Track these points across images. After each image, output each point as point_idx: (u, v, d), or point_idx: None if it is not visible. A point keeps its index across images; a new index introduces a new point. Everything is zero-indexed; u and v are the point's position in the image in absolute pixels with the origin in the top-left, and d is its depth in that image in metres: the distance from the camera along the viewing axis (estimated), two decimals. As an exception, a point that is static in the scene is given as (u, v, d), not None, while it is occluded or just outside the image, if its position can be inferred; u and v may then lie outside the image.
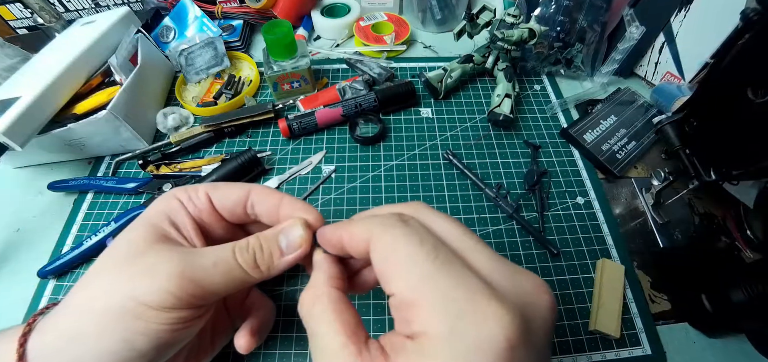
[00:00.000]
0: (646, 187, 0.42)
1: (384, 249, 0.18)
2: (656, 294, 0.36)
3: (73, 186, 0.42)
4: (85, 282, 0.21)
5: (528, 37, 0.48)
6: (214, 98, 0.50)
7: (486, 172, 0.44)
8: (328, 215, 0.41)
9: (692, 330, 0.34)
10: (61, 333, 0.20)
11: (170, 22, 0.57)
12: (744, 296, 0.29)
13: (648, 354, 0.33)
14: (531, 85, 0.54)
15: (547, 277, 0.36)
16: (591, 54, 0.53)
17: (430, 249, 0.16)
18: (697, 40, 0.47)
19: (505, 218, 0.40)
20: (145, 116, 0.46)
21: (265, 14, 0.60)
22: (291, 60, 0.48)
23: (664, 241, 0.39)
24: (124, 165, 0.45)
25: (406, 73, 0.56)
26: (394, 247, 0.17)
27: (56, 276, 0.37)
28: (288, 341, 0.33)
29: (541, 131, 0.48)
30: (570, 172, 0.44)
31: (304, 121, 0.46)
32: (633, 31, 0.47)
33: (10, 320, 0.34)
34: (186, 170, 0.43)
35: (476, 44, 0.55)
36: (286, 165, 0.45)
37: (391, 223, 0.18)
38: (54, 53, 0.45)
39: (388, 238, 0.18)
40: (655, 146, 0.46)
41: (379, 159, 0.45)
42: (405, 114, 0.50)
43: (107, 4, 0.55)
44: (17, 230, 0.40)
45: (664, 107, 0.48)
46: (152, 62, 0.49)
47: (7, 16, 0.54)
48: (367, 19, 0.61)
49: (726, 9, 0.43)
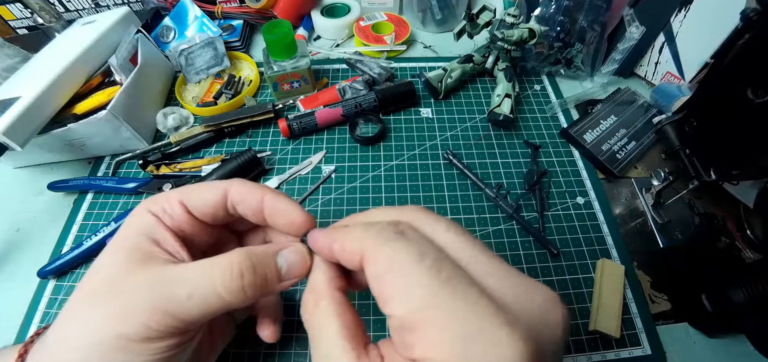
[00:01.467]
0: (646, 187, 0.42)
1: (379, 266, 0.16)
2: (656, 294, 0.36)
3: (73, 186, 0.42)
4: (70, 314, 0.21)
5: (528, 37, 0.48)
6: (214, 98, 0.50)
7: (486, 172, 0.44)
8: (328, 215, 0.41)
9: (692, 330, 0.34)
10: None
11: (170, 22, 0.57)
12: (744, 296, 0.29)
13: (648, 354, 0.33)
14: (531, 85, 0.54)
15: (547, 277, 0.36)
16: (591, 54, 0.53)
17: (432, 265, 0.15)
18: (697, 40, 0.47)
19: (505, 218, 0.40)
20: (145, 116, 0.46)
21: (265, 14, 0.60)
22: (291, 60, 0.48)
23: (664, 241, 0.39)
24: (124, 165, 0.45)
25: (406, 73, 0.56)
26: (391, 264, 0.16)
27: (56, 276, 0.37)
28: (288, 341, 0.33)
29: (541, 131, 0.48)
30: (570, 172, 0.44)
31: (304, 121, 0.46)
32: (633, 31, 0.47)
33: (10, 320, 0.34)
34: (186, 170, 0.43)
35: (476, 44, 0.55)
36: (286, 165, 0.45)
37: (385, 237, 0.16)
38: (54, 53, 0.45)
39: (383, 254, 0.16)
40: (655, 146, 0.46)
41: (379, 159, 0.45)
42: (405, 114, 0.50)
43: (107, 4, 0.55)
44: (17, 230, 0.40)
45: (664, 107, 0.48)
46: (152, 62, 0.49)
47: (7, 16, 0.54)
48: (367, 19, 0.61)
49: (726, 9, 0.43)
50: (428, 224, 0.18)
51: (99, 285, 0.20)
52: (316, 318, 0.18)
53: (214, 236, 0.25)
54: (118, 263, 0.21)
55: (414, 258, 0.15)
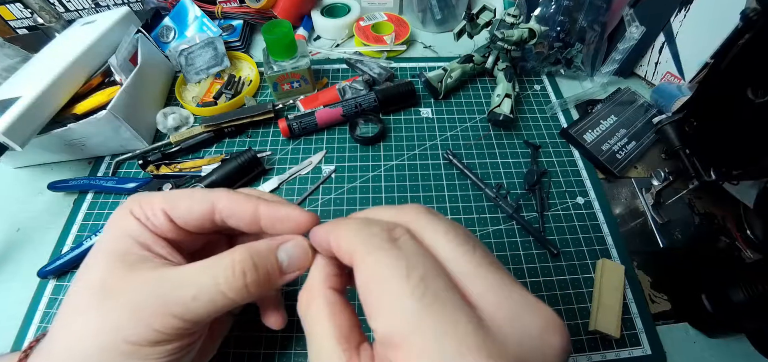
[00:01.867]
0: (646, 187, 0.42)
1: (365, 275, 0.16)
2: (656, 294, 0.36)
3: (73, 186, 0.42)
4: (69, 320, 0.20)
5: (528, 37, 0.48)
6: (214, 98, 0.50)
7: (486, 172, 0.44)
8: (328, 215, 0.41)
9: (692, 330, 0.34)
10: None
11: (170, 22, 0.57)
12: (744, 296, 0.29)
13: (648, 354, 0.33)
14: (531, 85, 0.54)
15: (547, 277, 0.36)
16: (591, 54, 0.52)
17: (417, 283, 0.14)
18: (697, 40, 0.47)
19: (505, 218, 0.40)
20: (145, 116, 0.46)
21: (265, 14, 0.60)
22: (291, 60, 0.48)
23: (664, 241, 0.39)
24: (124, 165, 0.45)
25: (406, 73, 0.56)
26: (375, 276, 0.15)
27: (56, 276, 0.37)
28: (288, 341, 0.33)
29: (541, 131, 0.48)
30: (570, 172, 0.44)
31: (304, 121, 0.46)
32: (633, 31, 0.47)
33: (10, 320, 0.34)
34: (186, 170, 0.43)
35: (476, 44, 0.55)
36: (286, 165, 0.45)
37: (376, 243, 0.16)
38: (54, 53, 0.45)
39: (370, 263, 0.15)
40: (655, 146, 0.46)
41: (379, 159, 0.45)
42: (405, 114, 0.50)
43: (107, 4, 0.55)
44: (17, 230, 0.40)
45: (664, 107, 0.48)
46: (152, 62, 0.49)
47: (7, 16, 0.54)
48: (367, 19, 0.61)
49: (726, 9, 0.43)
50: (428, 227, 0.17)
51: (95, 289, 0.20)
52: (309, 317, 0.18)
53: (201, 242, 0.24)
54: (112, 267, 0.20)
55: (400, 274, 0.14)
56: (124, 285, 0.20)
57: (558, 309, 0.35)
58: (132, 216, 0.21)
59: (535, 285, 0.36)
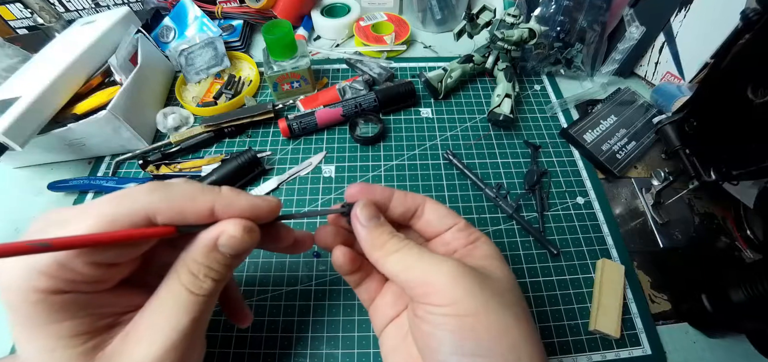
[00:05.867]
0: (646, 187, 0.42)
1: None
2: (656, 294, 0.36)
3: (73, 187, 0.42)
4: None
5: (528, 37, 0.48)
6: (214, 98, 0.50)
7: (486, 172, 0.44)
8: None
9: (692, 330, 0.34)
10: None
11: (170, 22, 0.57)
12: (744, 296, 0.29)
13: (648, 354, 0.33)
14: (531, 85, 0.54)
15: (547, 277, 0.36)
16: (591, 54, 0.53)
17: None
18: (697, 40, 0.47)
19: (505, 218, 0.40)
20: (145, 116, 0.46)
21: (265, 14, 0.60)
22: (291, 60, 0.48)
23: (664, 241, 0.39)
24: (124, 165, 0.45)
25: (406, 73, 0.56)
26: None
27: (56, 276, 0.37)
28: (288, 341, 0.33)
29: (541, 131, 0.48)
30: (570, 172, 0.44)
31: (304, 121, 0.46)
32: (633, 31, 0.47)
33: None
34: (186, 170, 0.43)
35: (476, 44, 0.55)
36: (286, 165, 0.45)
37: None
38: (54, 53, 0.45)
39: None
40: (655, 146, 0.46)
41: (379, 159, 0.45)
42: (405, 114, 0.50)
43: (107, 4, 0.55)
44: (17, 230, 0.40)
45: (664, 107, 0.48)
46: (152, 62, 0.49)
47: (7, 16, 0.54)
48: (367, 19, 0.61)
49: (726, 9, 0.43)
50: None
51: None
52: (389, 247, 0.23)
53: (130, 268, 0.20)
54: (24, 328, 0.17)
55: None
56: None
57: (558, 309, 0.35)
58: (34, 271, 0.16)
59: (535, 285, 0.36)
